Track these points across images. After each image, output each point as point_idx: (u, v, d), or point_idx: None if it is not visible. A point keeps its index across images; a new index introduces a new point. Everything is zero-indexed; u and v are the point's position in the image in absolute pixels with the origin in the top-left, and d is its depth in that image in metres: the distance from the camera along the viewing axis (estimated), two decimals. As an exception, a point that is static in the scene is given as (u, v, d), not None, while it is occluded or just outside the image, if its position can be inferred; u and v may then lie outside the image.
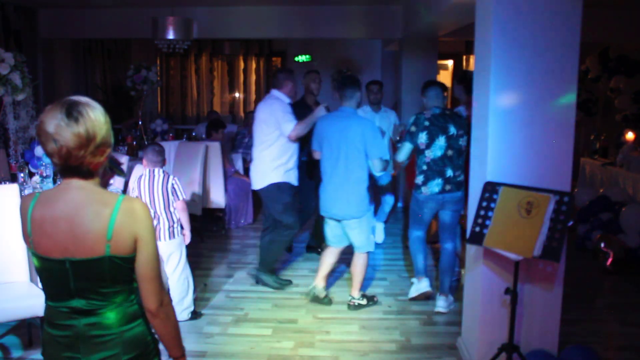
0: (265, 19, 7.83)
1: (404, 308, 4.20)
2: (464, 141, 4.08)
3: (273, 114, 4.29)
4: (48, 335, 1.65)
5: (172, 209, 3.77)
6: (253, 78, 10.84)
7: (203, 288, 4.51)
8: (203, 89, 10.84)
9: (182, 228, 3.86)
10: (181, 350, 1.76)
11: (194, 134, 7.64)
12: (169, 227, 3.75)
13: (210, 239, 5.97)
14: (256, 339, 3.68)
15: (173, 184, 3.76)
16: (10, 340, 3.60)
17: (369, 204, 4.09)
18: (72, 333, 1.60)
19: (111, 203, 1.57)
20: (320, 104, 5.19)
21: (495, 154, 3.02)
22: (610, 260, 5.00)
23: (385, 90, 6.18)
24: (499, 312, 3.14)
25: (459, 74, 4.87)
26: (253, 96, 10.85)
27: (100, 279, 1.58)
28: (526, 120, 2.99)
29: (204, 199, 5.80)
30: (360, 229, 4.04)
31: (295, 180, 4.46)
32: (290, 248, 5.37)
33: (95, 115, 1.55)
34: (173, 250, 3.78)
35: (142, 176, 3.77)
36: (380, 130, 4.31)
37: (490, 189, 2.93)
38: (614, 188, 6.03)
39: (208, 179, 5.86)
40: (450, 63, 10.94)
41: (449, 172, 4.06)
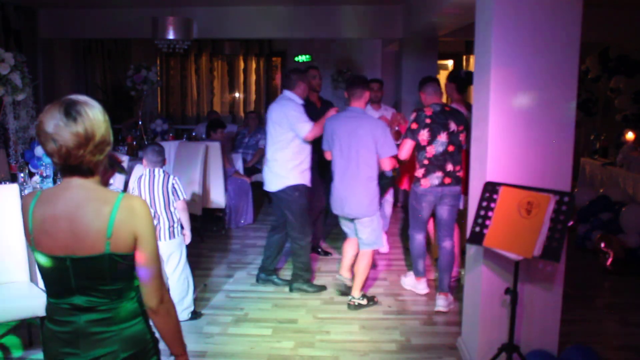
0: (265, 19, 7.83)
1: (404, 308, 4.20)
2: (463, 137, 4.15)
3: (287, 115, 4.23)
4: (49, 331, 1.66)
5: (173, 209, 3.77)
6: (253, 78, 10.84)
7: (203, 288, 4.51)
8: (203, 89, 10.83)
9: (182, 228, 3.86)
10: (182, 348, 1.77)
11: (194, 134, 7.64)
12: (169, 227, 3.74)
13: (210, 239, 5.97)
14: (256, 339, 3.68)
15: (173, 184, 3.76)
16: (10, 340, 3.60)
17: (379, 201, 4.12)
18: (72, 329, 1.61)
19: (111, 201, 1.58)
20: (322, 98, 5.19)
21: (495, 154, 3.02)
22: (610, 260, 5.01)
23: (386, 90, 6.19)
24: (499, 312, 3.14)
25: (451, 72, 4.89)
26: (253, 96, 10.85)
27: (100, 277, 1.59)
28: (526, 120, 2.99)
29: (204, 199, 5.80)
30: (372, 227, 4.07)
31: (309, 181, 4.43)
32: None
33: (94, 114, 1.55)
34: (173, 250, 3.78)
35: (142, 176, 3.77)
36: None
37: (490, 189, 2.93)
38: (614, 188, 6.03)
39: (208, 179, 5.86)
40: (450, 63, 10.94)
41: (449, 167, 4.13)
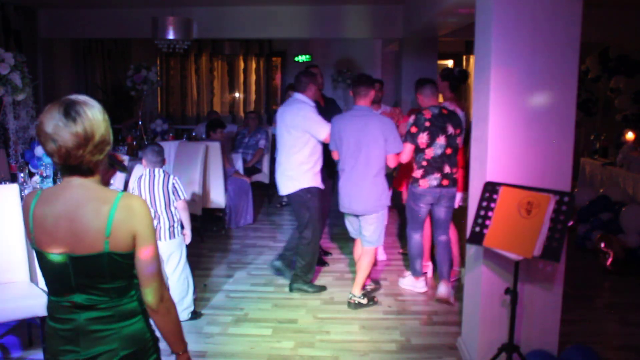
0: (265, 19, 7.83)
1: (404, 308, 4.20)
2: (460, 139, 4.22)
3: (305, 118, 4.23)
4: (50, 328, 1.68)
5: (173, 209, 3.77)
6: (253, 78, 10.83)
7: (203, 288, 4.51)
8: (203, 89, 10.83)
9: (183, 228, 3.86)
10: (183, 346, 1.78)
11: (193, 134, 7.64)
12: (170, 227, 3.74)
13: (210, 239, 5.97)
14: (256, 339, 3.68)
15: (174, 184, 3.76)
16: (10, 340, 3.60)
17: (388, 197, 4.15)
18: (73, 327, 1.63)
19: (110, 200, 1.59)
20: (325, 96, 5.17)
21: (495, 154, 3.03)
22: (610, 260, 5.00)
23: (385, 90, 6.20)
24: (499, 312, 3.14)
25: (444, 70, 4.93)
26: (253, 96, 10.85)
27: (99, 275, 1.60)
28: (526, 120, 2.99)
29: (204, 199, 5.80)
30: (377, 224, 4.12)
31: (321, 183, 4.42)
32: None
33: (93, 114, 1.56)
34: (173, 250, 3.78)
35: (142, 176, 3.77)
36: None
37: (490, 189, 2.93)
38: (614, 188, 6.03)
39: (208, 179, 5.86)
40: (450, 63, 10.94)
41: (447, 169, 4.19)
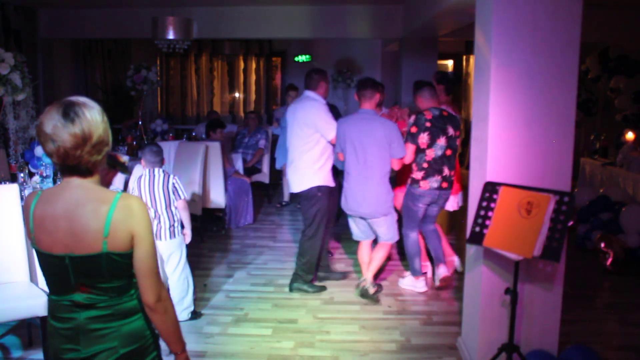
0: (265, 19, 7.83)
1: (404, 308, 4.20)
2: (459, 142, 4.31)
3: (316, 117, 4.25)
4: (51, 327, 1.70)
5: (173, 209, 3.77)
6: (253, 78, 10.84)
7: (203, 288, 4.51)
8: (203, 89, 10.84)
9: (183, 227, 3.87)
10: (181, 345, 1.79)
11: (193, 134, 7.64)
12: (170, 227, 3.74)
13: (210, 239, 5.97)
14: (256, 339, 3.68)
15: (174, 183, 3.76)
16: (10, 340, 3.60)
17: (392, 199, 4.19)
18: (73, 325, 1.65)
19: (109, 200, 1.61)
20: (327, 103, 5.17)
21: (495, 154, 3.03)
22: (610, 260, 5.00)
23: (385, 91, 6.18)
24: (499, 312, 3.14)
25: (438, 73, 4.98)
26: (253, 96, 10.85)
27: (98, 275, 1.62)
28: (526, 120, 2.99)
29: (204, 199, 5.80)
30: (387, 224, 4.16)
31: (332, 182, 4.43)
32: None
33: (92, 115, 1.58)
34: (174, 250, 3.78)
35: (142, 176, 3.77)
36: None
37: (490, 189, 2.93)
38: (614, 188, 6.03)
39: (208, 179, 5.86)
40: (450, 63, 10.95)
41: (446, 171, 4.25)
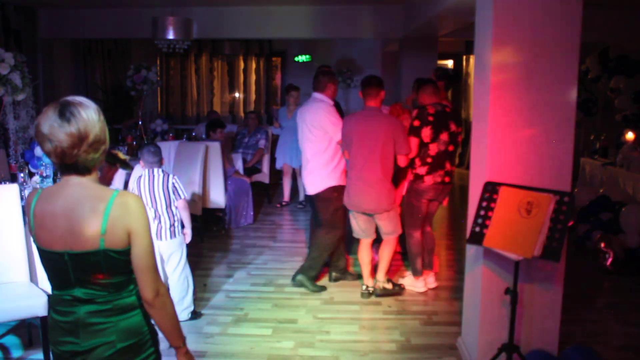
0: (265, 19, 7.83)
1: (404, 308, 4.20)
2: (460, 138, 4.37)
3: (323, 118, 4.29)
4: (52, 320, 1.74)
5: (174, 208, 3.77)
6: (253, 78, 10.84)
7: (203, 288, 4.51)
8: (203, 89, 10.84)
9: (183, 227, 3.87)
10: (181, 340, 1.81)
11: (193, 134, 7.63)
12: (170, 226, 3.74)
13: (210, 239, 5.96)
14: (256, 339, 3.68)
15: (173, 183, 3.76)
16: (10, 340, 3.60)
17: (394, 195, 4.23)
18: (73, 319, 1.68)
19: (106, 198, 1.64)
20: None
21: (495, 154, 3.03)
22: (610, 260, 5.00)
23: (385, 90, 6.17)
24: (499, 312, 3.14)
25: (437, 70, 5.02)
26: (253, 96, 10.85)
27: (97, 271, 1.65)
28: (526, 120, 2.99)
29: (204, 199, 5.80)
30: (390, 218, 4.19)
31: (344, 180, 4.44)
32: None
33: (88, 114, 1.61)
34: (174, 250, 3.78)
35: (142, 176, 3.77)
36: None
37: (490, 189, 2.93)
38: (614, 188, 6.03)
39: (208, 179, 5.86)
40: (450, 63, 10.95)
41: (448, 166, 4.29)
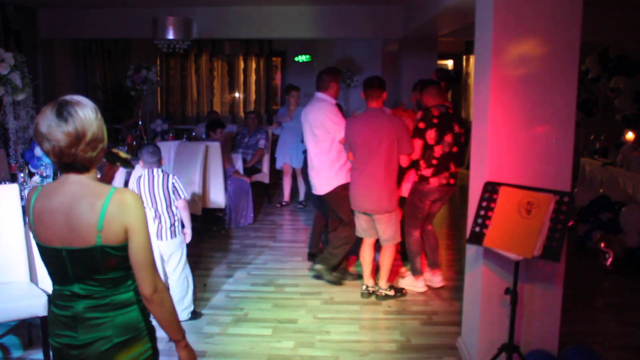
0: (265, 19, 7.83)
1: (404, 308, 4.20)
2: (463, 139, 4.35)
3: (325, 118, 4.30)
4: (52, 314, 1.78)
5: (174, 208, 3.77)
6: (253, 78, 10.84)
7: (203, 288, 4.51)
8: (203, 89, 10.83)
9: (183, 227, 3.87)
10: (181, 334, 1.83)
11: (193, 134, 7.64)
12: (171, 226, 3.75)
13: (210, 239, 5.97)
14: (256, 339, 3.68)
15: (173, 183, 3.76)
16: (10, 340, 3.60)
17: (397, 197, 4.24)
18: (72, 314, 1.71)
19: (103, 195, 1.66)
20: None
21: (495, 154, 3.02)
22: (610, 260, 5.00)
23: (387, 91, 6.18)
24: (499, 312, 3.14)
25: (438, 71, 5.04)
26: (253, 96, 10.85)
27: (94, 267, 1.67)
28: (526, 120, 2.99)
29: (204, 199, 5.80)
30: (390, 222, 4.18)
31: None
32: None
33: (85, 113, 1.63)
34: (174, 250, 3.79)
35: (142, 176, 3.77)
36: None
37: (490, 189, 2.93)
38: (614, 188, 6.03)
39: (208, 179, 5.86)
40: (450, 63, 10.95)
41: (452, 167, 4.29)
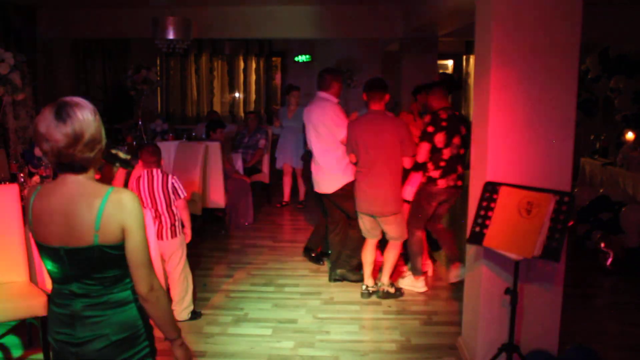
0: (265, 19, 7.83)
1: (404, 308, 4.20)
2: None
3: (327, 117, 4.32)
4: (51, 311, 1.81)
5: (174, 208, 3.77)
6: (253, 78, 10.84)
7: (203, 288, 4.51)
8: (203, 89, 10.83)
9: (183, 227, 3.87)
10: (176, 332, 1.84)
11: (193, 134, 7.63)
12: (171, 226, 3.75)
13: (210, 239, 5.97)
14: (256, 339, 3.68)
15: (173, 183, 3.77)
16: (10, 340, 3.60)
17: (402, 198, 4.26)
18: (70, 312, 1.74)
19: (100, 194, 1.68)
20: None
21: (495, 154, 3.02)
22: (610, 260, 5.00)
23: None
24: (499, 312, 3.14)
25: (441, 75, 5.05)
26: (253, 96, 10.85)
27: (92, 266, 1.69)
28: (526, 120, 2.99)
29: (204, 199, 5.80)
30: (396, 222, 4.19)
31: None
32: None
33: (83, 114, 1.65)
34: (175, 249, 3.79)
35: (141, 177, 3.77)
36: None
37: (490, 189, 2.93)
38: (614, 188, 6.03)
39: (208, 179, 5.86)
40: (450, 63, 10.95)
41: (460, 169, 4.31)
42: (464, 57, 10.65)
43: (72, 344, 1.73)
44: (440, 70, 10.43)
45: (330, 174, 4.43)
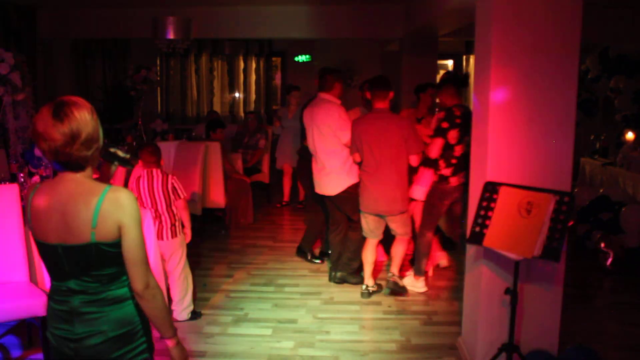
0: (265, 19, 7.83)
1: (404, 308, 4.20)
2: None
3: (331, 119, 4.30)
4: (50, 308, 1.83)
5: (174, 208, 3.77)
6: (253, 78, 10.83)
7: (203, 288, 4.51)
8: (203, 89, 10.82)
9: (183, 227, 3.87)
10: (172, 331, 1.85)
11: (193, 134, 7.63)
12: (171, 226, 3.75)
13: (210, 239, 5.97)
14: (256, 339, 3.68)
15: (173, 183, 3.77)
16: (10, 340, 3.60)
17: (408, 196, 4.29)
18: (68, 308, 1.76)
19: (98, 193, 1.69)
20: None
21: (495, 154, 3.02)
22: (610, 260, 5.00)
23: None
24: (499, 312, 3.14)
25: (446, 73, 5.03)
26: (253, 96, 10.84)
27: (89, 264, 1.71)
28: (526, 120, 2.99)
29: (204, 199, 5.80)
30: (403, 221, 4.22)
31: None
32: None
33: (81, 114, 1.67)
34: (175, 249, 3.79)
35: (141, 177, 3.77)
36: None
37: (490, 189, 2.93)
38: (614, 188, 6.03)
39: (208, 179, 5.86)
40: (450, 63, 10.95)
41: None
42: (464, 57, 10.65)
43: (70, 339, 1.76)
44: (443, 71, 10.44)
45: (334, 176, 4.40)
